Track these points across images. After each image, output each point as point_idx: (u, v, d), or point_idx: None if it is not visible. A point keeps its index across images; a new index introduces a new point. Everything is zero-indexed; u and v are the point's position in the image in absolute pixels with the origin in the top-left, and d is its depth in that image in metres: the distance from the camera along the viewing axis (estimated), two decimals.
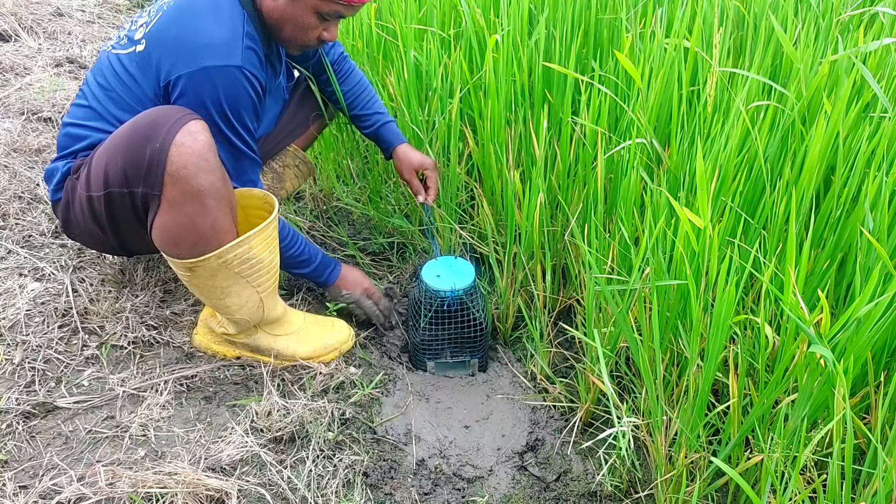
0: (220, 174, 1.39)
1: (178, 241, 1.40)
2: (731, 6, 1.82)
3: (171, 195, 1.35)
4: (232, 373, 1.62)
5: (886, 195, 1.27)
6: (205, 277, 1.45)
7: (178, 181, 1.33)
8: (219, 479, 1.33)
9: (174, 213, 1.37)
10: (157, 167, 1.33)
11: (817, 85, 1.49)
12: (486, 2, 2.09)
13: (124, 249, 1.63)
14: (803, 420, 1.13)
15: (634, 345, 1.33)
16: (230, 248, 1.41)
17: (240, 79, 1.44)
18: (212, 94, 1.43)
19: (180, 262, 1.42)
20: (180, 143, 1.32)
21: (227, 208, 1.41)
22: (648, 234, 1.28)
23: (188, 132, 1.33)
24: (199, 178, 1.34)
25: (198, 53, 1.41)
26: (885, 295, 1.04)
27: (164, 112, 1.36)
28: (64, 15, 3.49)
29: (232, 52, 1.43)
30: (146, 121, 1.36)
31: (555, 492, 1.45)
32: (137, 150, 1.34)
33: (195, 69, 1.41)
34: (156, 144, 1.32)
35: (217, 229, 1.40)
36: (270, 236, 1.49)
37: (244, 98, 1.48)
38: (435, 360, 1.76)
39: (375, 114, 1.91)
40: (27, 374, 1.52)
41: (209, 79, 1.42)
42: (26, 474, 1.33)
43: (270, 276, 1.53)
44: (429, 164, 1.86)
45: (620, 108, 1.70)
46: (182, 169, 1.33)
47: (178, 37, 1.43)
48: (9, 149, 2.29)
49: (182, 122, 1.34)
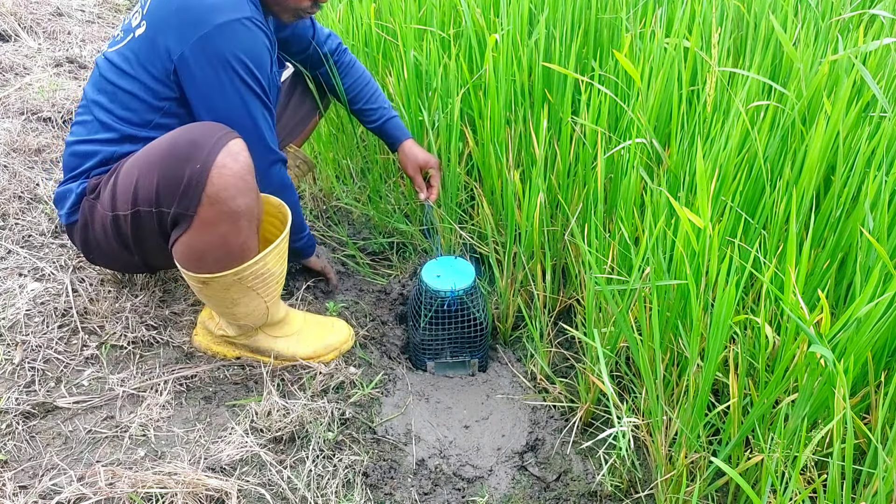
0: (256, 194, 1.38)
1: (204, 258, 1.39)
2: (730, 6, 1.82)
3: (206, 216, 1.33)
4: (232, 373, 1.62)
5: (886, 195, 1.27)
6: (217, 290, 1.45)
7: (216, 203, 1.32)
8: (219, 479, 1.33)
9: (206, 233, 1.35)
10: (196, 188, 1.30)
11: (817, 85, 1.49)
12: (486, 1, 2.09)
13: (148, 266, 1.62)
14: (803, 420, 1.13)
15: (634, 345, 1.33)
16: (247, 266, 1.41)
17: (252, 29, 1.41)
18: (231, 49, 1.39)
19: (196, 276, 1.41)
20: (222, 164, 1.30)
21: (256, 227, 1.42)
22: (648, 233, 1.28)
23: (229, 153, 1.31)
24: (237, 200, 1.33)
25: (206, 15, 1.37)
26: (885, 295, 1.04)
27: (205, 130, 1.34)
28: (64, 15, 3.49)
29: (239, 6, 1.40)
30: (185, 138, 1.33)
31: (555, 492, 1.45)
32: (175, 171, 1.31)
33: (206, 31, 1.37)
34: (196, 165, 1.29)
35: (245, 249, 1.40)
36: (282, 250, 1.50)
37: (263, 48, 1.45)
38: (435, 360, 1.76)
39: (380, 108, 1.90)
40: (27, 374, 1.52)
41: (224, 35, 1.38)
42: (26, 474, 1.33)
43: (279, 285, 1.55)
44: (433, 163, 1.88)
45: (620, 108, 1.70)
46: (223, 191, 1.31)
47: (182, 7, 1.38)
48: (8, 149, 2.29)
49: (223, 141, 1.32)
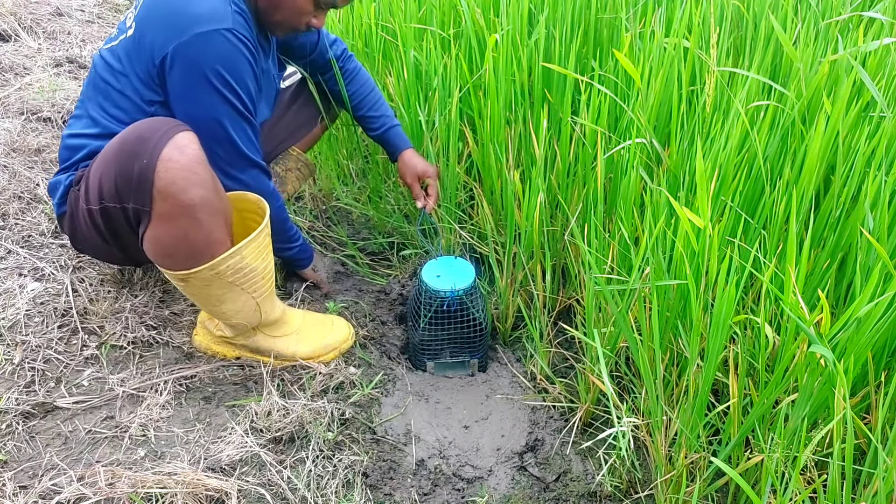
0: (212, 185, 1.37)
1: (172, 254, 1.39)
2: (730, 6, 1.82)
3: (161, 210, 1.33)
4: (231, 373, 1.62)
5: (886, 195, 1.27)
6: (199, 287, 1.45)
7: (167, 197, 1.31)
8: (218, 479, 1.33)
9: (167, 227, 1.35)
10: (145, 183, 1.30)
11: (817, 84, 1.49)
12: (486, 1, 2.09)
13: (130, 260, 1.63)
14: (803, 420, 1.12)
15: (634, 345, 1.33)
16: (222, 261, 1.40)
17: (232, 40, 1.42)
18: (207, 59, 1.41)
19: (173, 273, 1.42)
20: (167, 158, 1.29)
21: (221, 219, 1.40)
22: (648, 233, 1.28)
23: (175, 146, 1.30)
24: (189, 192, 1.32)
25: (188, 24, 1.39)
26: (885, 295, 1.04)
27: (152, 125, 1.34)
28: (63, 15, 3.49)
29: (222, 17, 1.41)
30: (134, 135, 1.33)
31: (554, 492, 1.45)
32: (126, 166, 1.31)
33: (186, 38, 1.39)
34: (143, 160, 1.29)
35: (211, 242, 1.38)
36: (263, 244, 1.48)
37: (240, 60, 1.45)
38: (434, 360, 1.76)
39: (383, 116, 1.93)
40: (27, 374, 1.52)
41: (202, 45, 1.40)
42: (26, 474, 1.33)
43: (266, 281, 1.53)
44: (431, 172, 1.90)
45: (620, 108, 1.70)
46: (171, 185, 1.30)
47: (167, 13, 1.41)
48: (8, 149, 2.29)
49: (169, 134, 1.31)
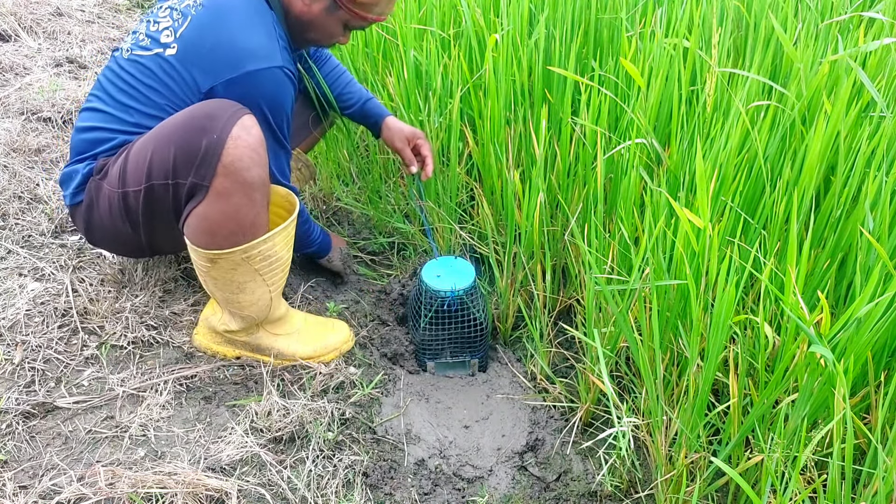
0: (267, 169, 1.43)
1: (216, 231, 1.42)
2: (730, 6, 1.82)
3: (220, 186, 1.38)
4: (232, 373, 1.62)
5: (886, 195, 1.27)
6: (225, 270, 1.47)
7: (231, 173, 1.37)
8: (219, 479, 1.33)
9: (221, 204, 1.39)
10: (213, 157, 1.36)
11: (817, 85, 1.49)
12: (486, 2, 2.09)
13: (151, 248, 1.63)
14: (803, 420, 1.13)
15: (634, 345, 1.33)
16: (257, 244, 1.45)
17: (282, 78, 1.51)
18: (258, 95, 1.49)
19: (207, 252, 1.44)
20: (237, 136, 1.36)
21: (267, 203, 1.46)
22: (648, 234, 1.28)
23: (243, 126, 1.37)
24: (251, 171, 1.38)
25: (239, 60, 1.46)
26: (885, 295, 1.04)
27: (220, 104, 1.41)
28: (64, 15, 3.49)
29: (272, 55, 1.49)
30: (203, 112, 1.39)
31: (555, 492, 1.45)
32: (193, 141, 1.36)
33: (238, 74, 1.46)
34: (213, 136, 1.35)
35: (256, 223, 1.44)
36: (290, 235, 1.54)
37: (287, 96, 1.55)
38: (435, 360, 1.76)
39: (357, 91, 1.96)
40: (27, 374, 1.52)
41: (254, 82, 1.48)
42: (26, 474, 1.33)
43: (283, 274, 1.57)
44: (420, 133, 1.90)
45: (620, 108, 1.70)
46: (237, 161, 1.36)
47: (216, 46, 1.46)
48: (8, 149, 2.29)
49: (237, 115, 1.38)
